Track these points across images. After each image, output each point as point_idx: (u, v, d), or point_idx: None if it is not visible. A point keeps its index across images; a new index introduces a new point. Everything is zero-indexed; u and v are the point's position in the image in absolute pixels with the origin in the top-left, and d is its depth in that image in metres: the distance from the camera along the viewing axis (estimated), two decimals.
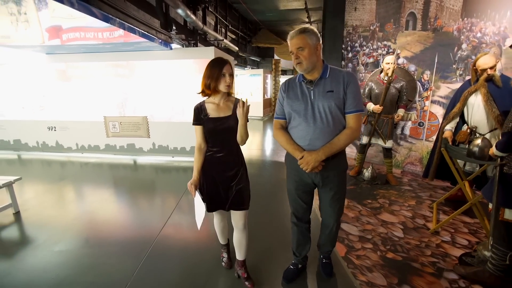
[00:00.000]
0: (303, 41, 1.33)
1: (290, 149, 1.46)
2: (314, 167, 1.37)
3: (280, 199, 3.05)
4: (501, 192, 1.57)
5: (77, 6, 1.95)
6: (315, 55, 1.36)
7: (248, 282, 1.70)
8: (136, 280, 1.78)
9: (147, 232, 2.37)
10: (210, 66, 1.47)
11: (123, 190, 3.50)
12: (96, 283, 1.76)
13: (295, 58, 1.36)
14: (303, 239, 1.74)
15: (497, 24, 2.85)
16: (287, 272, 1.80)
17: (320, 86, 1.40)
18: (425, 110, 3.61)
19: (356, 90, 1.38)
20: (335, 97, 1.37)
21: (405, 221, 2.51)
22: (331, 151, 1.37)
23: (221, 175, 1.54)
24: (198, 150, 1.54)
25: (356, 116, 1.39)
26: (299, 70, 1.42)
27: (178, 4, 3.25)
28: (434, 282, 1.74)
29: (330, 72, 1.40)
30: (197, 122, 1.52)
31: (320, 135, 1.39)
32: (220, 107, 1.51)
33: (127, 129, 4.66)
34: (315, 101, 1.39)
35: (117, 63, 4.44)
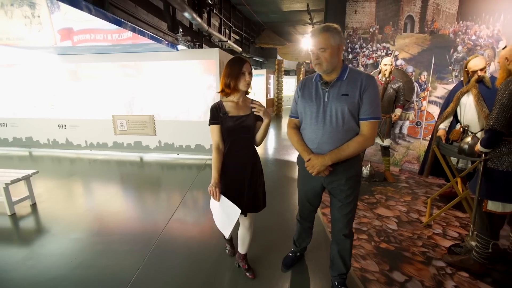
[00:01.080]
0: (326, 41, 1.24)
1: (300, 149, 1.44)
2: (319, 171, 1.34)
3: (282, 195, 3.19)
4: (485, 185, 1.69)
5: (94, 12, 2.11)
6: (336, 56, 1.28)
7: (249, 273, 1.79)
8: (146, 265, 1.93)
9: (154, 225, 2.52)
10: (230, 65, 1.45)
11: (130, 186, 3.66)
12: (109, 267, 1.92)
13: (315, 58, 1.28)
14: (304, 234, 1.82)
15: (491, 27, 2.96)
16: (286, 259, 1.90)
17: (335, 88, 1.32)
18: (422, 110, 3.72)
19: (374, 95, 1.29)
20: (349, 102, 1.29)
21: (400, 215, 2.63)
22: (338, 157, 1.31)
23: (239, 177, 1.51)
24: (216, 150, 1.48)
25: (370, 124, 1.30)
26: (317, 71, 1.36)
27: (185, 7, 3.40)
28: (423, 269, 1.86)
29: (349, 74, 1.32)
30: (215, 121, 1.47)
31: (329, 139, 1.34)
32: (239, 105, 1.50)
33: (134, 127, 4.83)
34: (328, 103, 1.33)
35: (126, 63, 4.61)
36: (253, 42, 9.47)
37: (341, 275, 1.61)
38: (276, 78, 10.72)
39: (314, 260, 1.97)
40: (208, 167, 4.25)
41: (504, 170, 1.60)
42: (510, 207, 1.64)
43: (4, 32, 4.42)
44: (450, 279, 1.76)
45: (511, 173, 1.59)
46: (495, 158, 1.65)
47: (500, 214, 1.66)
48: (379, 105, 1.33)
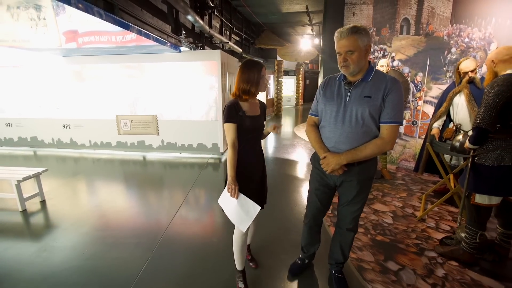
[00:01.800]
0: (354, 44, 1.22)
1: (316, 147, 1.44)
2: (334, 169, 1.34)
3: (282, 192, 3.30)
4: (472, 179, 1.81)
5: (104, 17, 2.22)
6: (364, 58, 1.27)
7: (252, 263, 1.87)
8: (154, 257, 2.04)
9: (159, 221, 2.63)
10: (248, 70, 1.45)
11: (133, 184, 3.76)
12: (120, 258, 2.03)
13: (343, 60, 1.26)
14: (312, 239, 1.77)
15: (483, 30, 3.09)
16: (294, 266, 1.85)
17: (358, 89, 1.31)
18: (418, 110, 3.84)
19: (398, 99, 1.27)
20: (371, 104, 1.27)
21: (395, 210, 2.75)
22: (354, 157, 1.31)
23: (253, 173, 1.55)
24: (233, 148, 1.47)
25: (391, 128, 1.29)
26: (344, 73, 1.33)
27: (188, 10, 3.52)
28: (415, 259, 1.98)
29: (374, 76, 1.30)
30: (233, 119, 1.45)
31: (346, 140, 1.34)
32: (253, 106, 1.53)
33: (137, 127, 4.94)
34: (349, 104, 1.31)
35: (129, 65, 4.72)
36: (253, 43, 9.58)
37: (338, 263, 1.69)
38: (276, 79, 10.84)
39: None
40: (210, 165, 4.36)
41: (490, 165, 1.72)
42: (496, 199, 1.76)
43: (11, 34, 4.52)
44: (441, 268, 1.88)
45: (496, 168, 1.70)
46: (482, 154, 1.76)
47: (486, 206, 1.78)
48: (402, 110, 1.33)
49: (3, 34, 4.46)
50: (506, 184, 1.70)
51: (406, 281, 1.76)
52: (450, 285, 1.72)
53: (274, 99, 11.18)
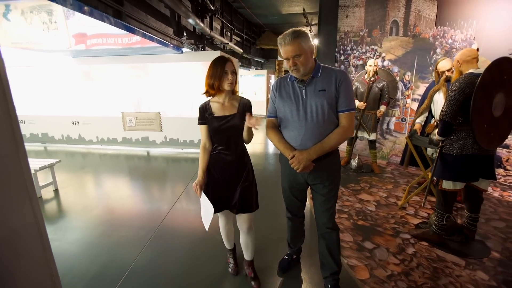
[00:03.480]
0: (299, 47, 1.27)
1: (282, 148, 1.44)
2: (305, 166, 1.34)
3: (278, 185, 3.54)
4: (440, 167, 2.03)
5: (113, 23, 2.47)
6: (310, 58, 1.33)
7: (255, 282, 1.68)
8: (156, 234, 2.30)
9: (161, 207, 2.89)
10: (212, 65, 1.45)
11: (137, 177, 4.01)
12: (126, 236, 2.29)
13: (292, 64, 1.31)
14: (297, 232, 1.77)
15: (465, 32, 3.28)
16: (282, 262, 1.86)
17: (312, 85, 1.36)
18: (407, 107, 4.05)
19: (348, 89, 1.35)
20: (327, 96, 1.33)
21: (379, 200, 2.96)
22: (322, 150, 1.35)
23: (226, 175, 1.51)
24: (203, 150, 1.52)
25: (348, 115, 1.36)
26: (295, 75, 1.38)
27: (189, 14, 3.76)
28: (390, 240, 2.20)
29: (322, 71, 1.37)
30: (202, 121, 1.49)
31: (311, 135, 1.36)
32: (225, 106, 1.49)
33: (142, 123, 5.22)
34: (307, 100, 1.36)
35: (134, 65, 5.00)
36: (254, 43, 9.81)
37: (333, 274, 1.59)
38: (277, 78, 11.06)
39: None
40: None
41: (454, 154, 1.93)
42: (459, 185, 1.98)
43: (24, 36, 4.81)
44: (412, 247, 2.10)
45: (459, 157, 1.92)
46: (448, 144, 1.98)
47: (452, 191, 2.00)
48: (353, 97, 1.43)
49: (17, 36, 4.76)
50: (467, 171, 1.91)
51: (379, 257, 1.98)
52: (417, 260, 1.94)
53: None
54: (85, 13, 2.12)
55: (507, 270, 1.83)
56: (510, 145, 3.17)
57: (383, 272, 1.83)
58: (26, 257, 0.76)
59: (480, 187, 2.01)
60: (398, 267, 1.87)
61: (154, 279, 1.81)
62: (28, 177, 0.74)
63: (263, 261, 1.92)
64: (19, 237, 0.72)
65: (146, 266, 1.93)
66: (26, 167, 0.73)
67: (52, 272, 0.86)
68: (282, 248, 2.03)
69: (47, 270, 0.84)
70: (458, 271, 1.83)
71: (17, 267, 0.71)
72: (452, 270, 1.84)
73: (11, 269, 0.69)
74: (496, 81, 1.76)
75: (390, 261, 1.93)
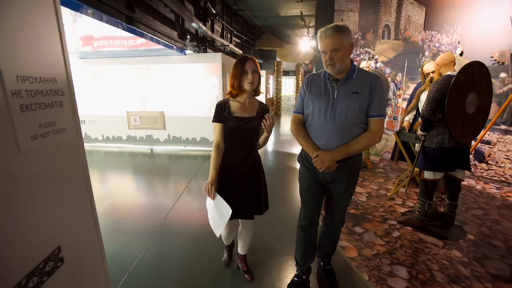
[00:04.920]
0: (339, 42, 1.24)
1: (306, 146, 1.42)
2: (328, 166, 1.33)
3: (283, 189, 3.76)
4: (421, 159, 2.26)
5: (125, 28, 2.69)
6: (348, 56, 1.30)
7: (248, 275, 1.74)
8: (165, 223, 2.51)
9: (165, 201, 3.11)
10: (235, 65, 1.42)
11: (141, 174, 4.18)
12: (138, 223, 2.51)
13: (329, 59, 1.27)
14: (308, 247, 1.64)
15: (450, 36, 3.52)
16: (292, 285, 1.69)
17: (345, 86, 1.33)
18: (398, 106, 4.29)
19: (382, 94, 1.33)
20: (360, 99, 1.31)
21: (371, 191, 3.20)
22: (347, 152, 1.33)
23: (240, 182, 1.46)
24: (216, 149, 1.45)
25: (378, 121, 1.34)
26: (330, 71, 1.34)
27: (192, 19, 3.99)
28: (378, 225, 2.43)
29: (357, 73, 1.35)
30: (219, 119, 1.44)
31: (337, 135, 1.34)
32: (245, 106, 1.45)
33: (146, 122, 5.43)
34: (338, 100, 1.33)
35: (139, 66, 5.21)
36: (253, 44, 10.04)
37: (327, 256, 1.74)
38: (275, 79, 11.29)
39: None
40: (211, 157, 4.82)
41: (434, 147, 2.17)
42: (439, 175, 2.21)
43: None
44: (397, 231, 2.33)
45: (438, 150, 2.15)
46: (429, 138, 2.22)
47: (432, 181, 2.23)
48: (386, 104, 1.52)
49: None
50: (445, 162, 2.15)
51: (367, 240, 2.21)
52: (401, 242, 2.17)
53: (273, 98, 11.64)
54: (102, 20, 2.34)
55: (479, 249, 2.07)
56: (492, 141, 3.42)
57: (370, 251, 2.06)
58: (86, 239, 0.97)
59: (457, 176, 2.24)
60: (383, 247, 2.10)
61: (160, 272, 1.87)
62: (84, 158, 0.96)
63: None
64: (79, 210, 0.94)
65: (151, 260, 2.00)
66: (83, 150, 0.96)
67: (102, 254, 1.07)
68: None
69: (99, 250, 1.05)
70: (436, 250, 2.06)
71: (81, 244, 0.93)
72: (431, 249, 2.07)
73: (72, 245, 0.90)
74: (469, 82, 2.00)
75: (376, 243, 2.16)
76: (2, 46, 0.64)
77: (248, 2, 7.11)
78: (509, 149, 3.31)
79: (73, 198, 0.91)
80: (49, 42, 0.79)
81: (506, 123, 3.26)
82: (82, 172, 0.95)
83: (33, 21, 0.73)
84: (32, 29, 0.73)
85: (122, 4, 2.62)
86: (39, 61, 0.76)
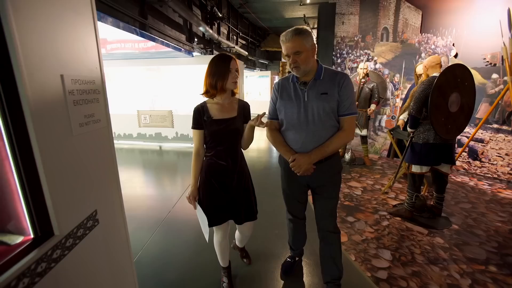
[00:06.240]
0: (300, 45, 1.25)
1: (283, 151, 1.42)
2: (306, 170, 1.33)
3: (279, 182, 3.97)
4: (409, 154, 2.44)
5: (139, 34, 2.95)
6: (312, 57, 1.31)
7: (247, 260, 1.88)
8: (173, 212, 2.76)
9: (172, 194, 3.36)
10: (215, 63, 1.34)
11: (150, 169, 4.45)
12: (151, 209, 2.76)
13: (292, 62, 1.29)
14: (299, 234, 1.75)
15: (445, 39, 3.67)
16: (285, 265, 1.83)
17: (314, 88, 1.33)
18: (396, 106, 4.44)
19: (350, 92, 1.33)
20: (329, 99, 1.31)
21: (366, 186, 3.38)
22: (323, 154, 1.34)
23: (226, 184, 1.40)
24: (196, 156, 1.40)
25: (350, 119, 1.34)
26: (295, 74, 1.35)
27: (200, 23, 4.24)
28: (370, 216, 2.62)
29: (325, 73, 1.35)
30: (198, 126, 1.38)
31: (312, 138, 1.34)
32: (225, 107, 1.39)
33: (155, 120, 5.72)
34: (308, 103, 1.33)
35: (149, 67, 5.51)
36: (259, 46, 10.26)
37: (335, 279, 1.55)
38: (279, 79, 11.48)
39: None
40: None
41: (420, 143, 2.35)
42: (425, 168, 2.39)
43: None
44: (386, 221, 2.52)
45: (424, 145, 2.33)
46: (416, 135, 2.40)
47: (419, 174, 2.41)
48: (355, 101, 1.47)
49: None
50: (431, 157, 2.32)
51: (358, 227, 2.41)
52: (389, 230, 2.36)
53: None
54: (119, 27, 2.60)
55: (460, 237, 2.24)
56: (485, 140, 3.55)
57: (359, 237, 2.25)
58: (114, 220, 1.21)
59: (443, 170, 2.42)
60: (372, 234, 2.30)
61: (163, 263, 1.94)
62: (112, 142, 1.21)
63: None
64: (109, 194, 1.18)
65: (157, 248, 2.13)
66: (111, 136, 1.20)
67: (124, 222, 1.32)
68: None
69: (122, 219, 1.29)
70: (420, 237, 2.24)
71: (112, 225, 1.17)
72: (416, 236, 2.25)
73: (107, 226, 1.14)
74: (451, 83, 2.17)
75: (366, 230, 2.36)
76: (63, 58, 0.88)
77: (254, 4, 7.34)
78: (501, 147, 3.44)
79: (105, 172, 1.15)
80: (90, 53, 1.04)
81: (498, 122, 3.40)
82: (110, 152, 1.20)
83: (81, 38, 0.97)
84: (81, 45, 0.97)
85: (136, 12, 2.89)
86: (84, 68, 1.00)
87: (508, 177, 3.43)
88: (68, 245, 0.89)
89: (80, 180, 0.97)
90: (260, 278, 1.80)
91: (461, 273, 1.81)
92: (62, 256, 0.87)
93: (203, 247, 2.08)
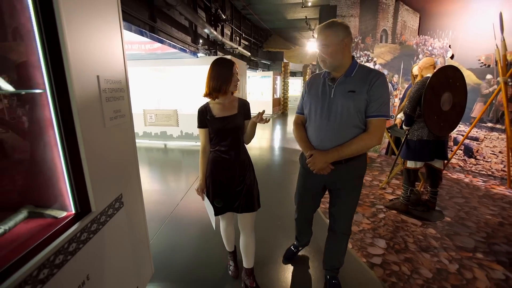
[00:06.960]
0: (328, 38, 1.22)
1: (302, 145, 1.41)
2: (320, 168, 1.30)
3: (286, 188, 4.11)
4: (405, 150, 2.58)
5: (148, 36, 3.11)
6: (341, 52, 1.24)
7: None
8: (179, 207, 2.91)
9: (177, 191, 3.51)
10: (218, 67, 1.41)
11: (156, 167, 4.58)
12: (160, 203, 2.91)
13: (320, 54, 1.27)
14: (305, 232, 1.80)
15: (442, 41, 3.80)
16: (288, 252, 1.94)
17: (342, 85, 1.28)
18: (394, 106, 4.58)
19: (383, 92, 1.24)
20: (356, 98, 1.24)
21: (365, 182, 3.51)
22: (340, 155, 1.28)
23: (229, 177, 1.48)
24: (203, 153, 1.52)
25: (377, 121, 1.25)
26: (323, 67, 1.32)
27: (205, 25, 4.40)
28: (367, 209, 2.76)
29: (357, 71, 1.28)
30: (202, 125, 1.48)
31: (332, 136, 1.30)
32: (226, 106, 1.47)
33: (161, 119, 5.89)
34: (333, 100, 1.29)
35: (155, 68, 5.67)
36: (261, 46, 10.42)
37: (334, 269, 1.62)
38: (283, 79, 11.64)
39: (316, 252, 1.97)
40: None
41: (415, 139, 2.49)
42: (420, 164, 2.53)
43: None
44: (382, 213, 2.66)
45: (418, 142, 2.46)
46: (411, 132, 2.54)
47: (414, 169, 2.55)
48: (389, 103, 1.28)
49: None
50: (424, 153, 2.46)
51: (355, 219, 2.54)
52: (384, 222, 2.50)
53: (281, 98, 11.98)
54: (131, 31, 2.76)
55: (452, 228, 2.38)
56: (479, 138, 3.68)
57: (356, 228, 2.40)
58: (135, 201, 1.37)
59: (436, 166, 2.55)
60: (368, 225, 2.44)
61: (173, 251, 2.03)
62: (133, 135, 1.36)
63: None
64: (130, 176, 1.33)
65: (165, 240, 2.22)
66: (133, 129, 1.36)
67: (143, 208, 1.48)
68: (281, 239, 2.27)
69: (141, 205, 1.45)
70: (414, 228, 2.38)
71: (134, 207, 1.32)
72: (410, 227, 2.39)
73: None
74: (443, 83, 2.31)
75: (363, 222, 2.50)
76: (99, 61, 1.04)
77: (256, 6, 7.50)
78: (495, 145, 3.56)
79: (128, 160, 1.31)
80: (117, 56, 1.19)
81: (492, 121, 3.52)
82: (132, 144, 1.36)
83: (110, 44, 1.13)
84: (111, 50, 1.13)
85: (146, 16, 3.05)
86: (113, 69, 1.16)
87: (501, 174, 3.55)
88: (102, 221, 1.05)
89: (110, 166, 1.13)
90: (263, 263, 1.92)
91: (450, 259, 1.94)
92: (97, 230, 1.03)
93: (210, 237, 2.23)
